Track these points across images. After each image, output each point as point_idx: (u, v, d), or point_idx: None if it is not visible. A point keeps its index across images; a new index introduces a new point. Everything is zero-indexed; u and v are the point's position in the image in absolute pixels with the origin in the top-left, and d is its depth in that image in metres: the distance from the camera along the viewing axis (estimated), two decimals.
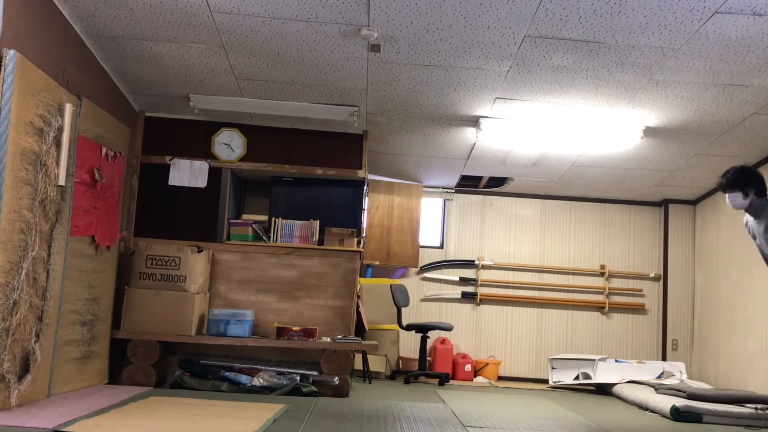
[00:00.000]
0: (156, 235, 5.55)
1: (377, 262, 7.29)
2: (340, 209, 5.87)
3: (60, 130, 3.99)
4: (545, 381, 7.38)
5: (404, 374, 6.58)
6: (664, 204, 7.87)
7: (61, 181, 3.99)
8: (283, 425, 3.65)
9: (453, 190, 7.86)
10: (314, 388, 5.03)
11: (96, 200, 4.65)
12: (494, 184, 7.64)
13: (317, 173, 5.80)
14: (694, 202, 7.78)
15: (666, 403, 5.01)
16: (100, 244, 4.76)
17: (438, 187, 7.81)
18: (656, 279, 7.84)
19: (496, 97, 5.15)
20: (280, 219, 5.75)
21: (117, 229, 5.11)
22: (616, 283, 7.86)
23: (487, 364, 7.41)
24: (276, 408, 4.18)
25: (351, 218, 5.87)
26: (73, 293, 4.40)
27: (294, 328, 5.23)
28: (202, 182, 5.72)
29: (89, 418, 3.48)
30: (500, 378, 7.52)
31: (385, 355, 6.79)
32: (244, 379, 5.02)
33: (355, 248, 5.67)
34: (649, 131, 5.63)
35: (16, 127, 3.54)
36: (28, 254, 3.69)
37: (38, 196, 3.78)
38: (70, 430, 3.15)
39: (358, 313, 5.76)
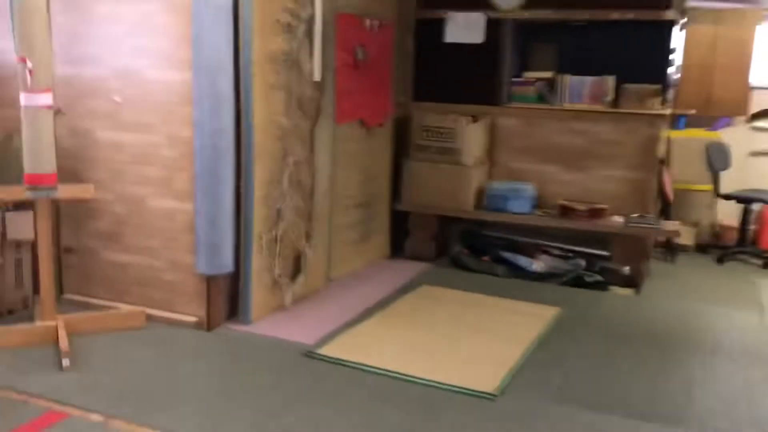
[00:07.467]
0: (433, 98, 5.21)
1: (693, 111, 6.09)
2: (640, 60, 4.87)
3: (311, 19, 3.71)
4: None
5: (717, 249, 5.58)
6: None
7: (317, 77, 3.79)
8: (547, 352, 3.30)
9: None
10: (600, 278, 4.51)
11: (361, 81, 4.42)
12: None
13: (613, 17, 4.79)
14: None
15: None
16: (369, 125, 4.60)
17: None
18: None
19: None
20: (568, 75, 4.98)
21: (389, 103, 4.88)
22: None
23: None
24: (548, 315, 3.83)
25: (655, 71, 4.84)
26: (346, 179, 4.38)
27: (579, 208, 4.67)
28: (479, 37, 5.13)
29: (352, 327, 3.53)
30: None
31: (695, 223, 5.81)
32: (523, 261, 4.69)
33: (658, 110, 4.71)
34: None
35: (261, 31, 3.34)
36: (288, 160, 3.65)
37: (293, 99, 3.64)
38: (323, 353, 3.20)
39: (661, 186, 4.91)
